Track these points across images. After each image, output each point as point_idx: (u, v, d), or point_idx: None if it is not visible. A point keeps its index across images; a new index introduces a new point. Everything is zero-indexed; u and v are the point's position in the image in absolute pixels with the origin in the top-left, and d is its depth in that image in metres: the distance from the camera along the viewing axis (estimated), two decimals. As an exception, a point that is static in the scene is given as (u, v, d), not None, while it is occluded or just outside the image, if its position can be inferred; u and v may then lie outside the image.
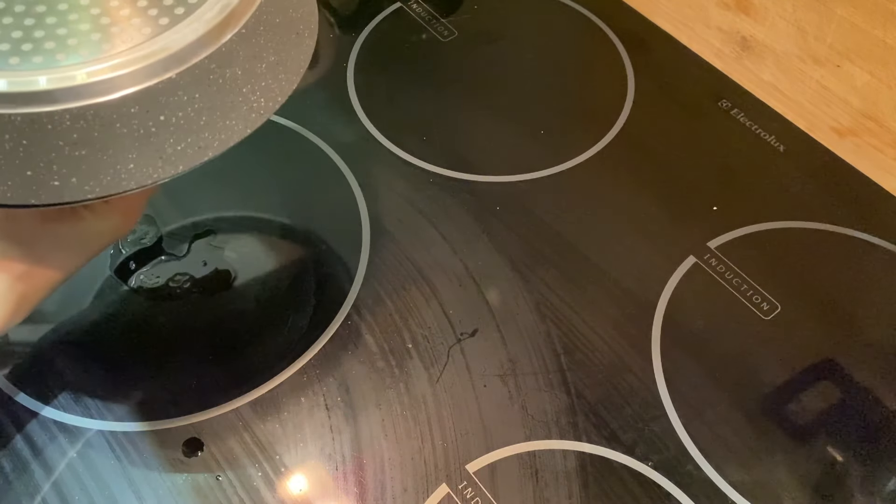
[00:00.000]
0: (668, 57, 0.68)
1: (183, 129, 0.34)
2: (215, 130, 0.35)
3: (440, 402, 0.49)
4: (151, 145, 0.34)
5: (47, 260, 0.39)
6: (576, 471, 0.46)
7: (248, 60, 0.36)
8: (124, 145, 0.33)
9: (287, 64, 0.38)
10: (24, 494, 0.45)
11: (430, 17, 0.71)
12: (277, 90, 0.37)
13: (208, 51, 0.34)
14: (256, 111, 0.36)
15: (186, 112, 0.34)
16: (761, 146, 0.62)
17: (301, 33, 0.40)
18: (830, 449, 0.48)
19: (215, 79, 0.35)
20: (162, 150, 0.34)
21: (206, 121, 0.35)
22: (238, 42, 0.36)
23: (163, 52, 0.33)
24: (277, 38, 0.38)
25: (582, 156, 0.61)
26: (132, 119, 0.33)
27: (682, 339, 0.52)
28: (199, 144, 0.35)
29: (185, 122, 0.34)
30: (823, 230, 0.57)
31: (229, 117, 0.35)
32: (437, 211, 0.58)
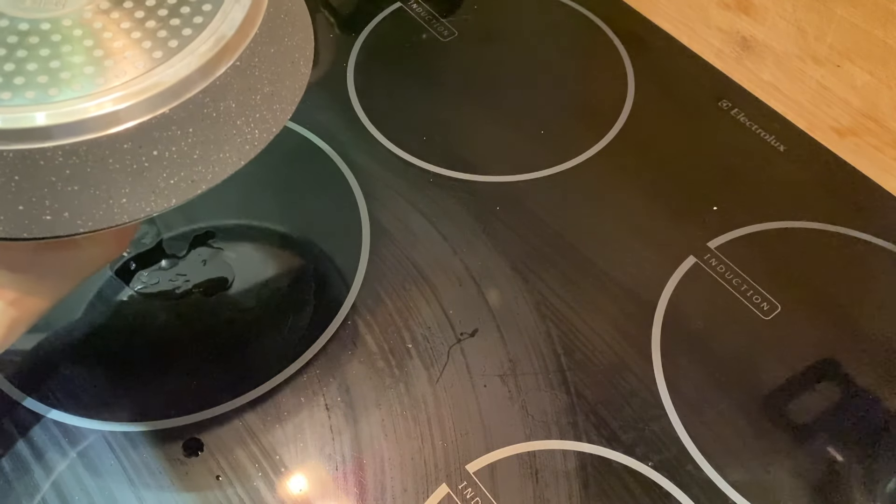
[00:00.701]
0: (669, 57, 0.68)
1: (176, 163, 0.34)
2: (209, 163, 0.35)
3: (440, 402, 0.49)
4: (144, 180, 0.33)
5: (40, 286, 0.39)
6: (576, 471, 0.46)
7: (242, 93, 0.35)
8: (117, 181, 0.33)
9: (282, 94, 0.38)
10: (25, 495, 0.45)
11: (430, 17, 0.71)
12: (272, 120, 0.37)
13: (202, 85, 0.34)
14: (251, 143, 0.36)
15: (180, 146, 0.34)
16: (761, 146, 0.62)
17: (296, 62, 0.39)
18: (830, 449, 0.48)
19: (209, 112, 0.34)
20: (155, 185, 0.34)
21: (200, 154, 0.34)
22: (232, 74, 0.35)
23: (157, 88, 0.33)
24: (272, 69, 0.37)
25: (582, 156, 0.61)
26: (125, 155, 0.33)
27: (682, 339, 0.52)
28: (193, 178, 0.34)
29: (179, 156, 0.34)
30: (823, 230, 0.57)
31: (223, 150, 0.35)
32: (437, 211, 0.58)
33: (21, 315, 0.39)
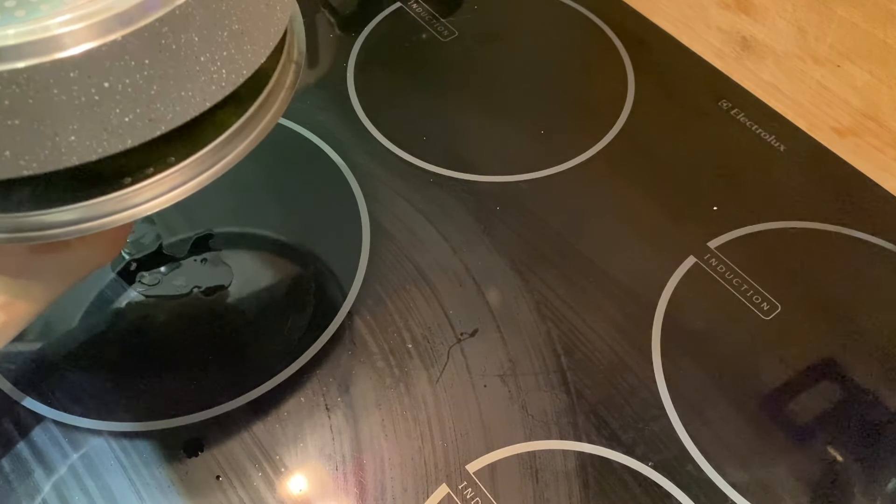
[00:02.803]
0: (669, 57, 0.68)
1: (131, 98, 0.31)
2: (168, 101, 0.32)
3: (440, 402, 0.49)
4: (95, 115, 0.31)
5: (30, 289, 0.39)
6: (576, 471, 0.46)
7: (206, 27, 0.33)
8: (63, 115, 0.30)
9: (253, 35, 0.35)
10: (25, 495, 0.45)
11: (430, 16, 0.71)
12: (242, 62, 0.35)
13: (160, 12, 0.31)
14: (217, 83, 0.34)
15: (135, 79, 0.31)
16: (761, 146, 0.62)
17: (272, 6, 0.37)
18: (830, 449, 0.48)
19: (168, 44, 0.32)
20: (107, 122, 0.31)
21: (158, 90, 0.32)
22: (195, 5, 0.32)
23: (108, 12, 0.30)
24: (243, 7, 0.35)
25: (582, 156, 0.61)
26: (72, 85, 0.30)
27: (682, 338, 0.52)
28: (150, 117, 0.32)
29: (134, 90, 0.31)
30: (823, 230, 0.57)
31: (184, 88, 0.33)
32: (437, 211, 0.58)
33: (10, 319, 0.39)
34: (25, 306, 0.39)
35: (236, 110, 0.38)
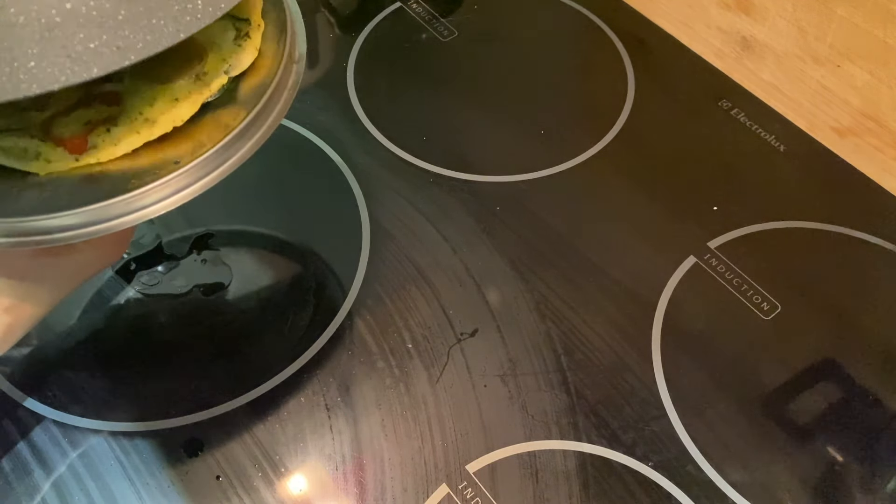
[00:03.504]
0: (669, 57, 0.68)
1: (96, 22, 0.30)
2: (138, 29, 0.31)
3: (440, 403, 0.49)
4: (56, 40, 0.29)
5: (36, 291, 0.39)
6: (576, 471, 0.46)
7: None
8: (22, 38, 0.29)
9: None
10: (25, 495, 0.45)
11: (430, 16, 0.71)
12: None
13: None
14: (192, 13, 0.32)
15: (100, 1, 0.30)
16: (761, 146, 0.62)
17: None
18: (831, 449, 0.48)
19: None
20: (70, 48, 0.29)
21: (126, 16, 0.30)
22: None
23: None
24: None
25: (582, 156, 0.61)
26: (30, 5, 0.29)
27: (682, 339, 0.52)
28: (118, 44, 0.30)
29: (98, 13, 0.30)
30: (824, 230, 0.57)
31: (156, 15, 0.31)
32: (437, 211, 0.58)
33: (16, 321, 0.39)
34: (31, 309, 0.39)
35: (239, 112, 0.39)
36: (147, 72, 0.38)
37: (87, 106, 0.37)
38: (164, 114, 0.37)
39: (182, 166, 0.36)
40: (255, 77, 0.40)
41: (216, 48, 0.40)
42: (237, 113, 0.39)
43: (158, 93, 0.37)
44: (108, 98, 0.38)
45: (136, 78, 0.38)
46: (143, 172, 0.36)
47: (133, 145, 0.37)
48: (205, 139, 0.38)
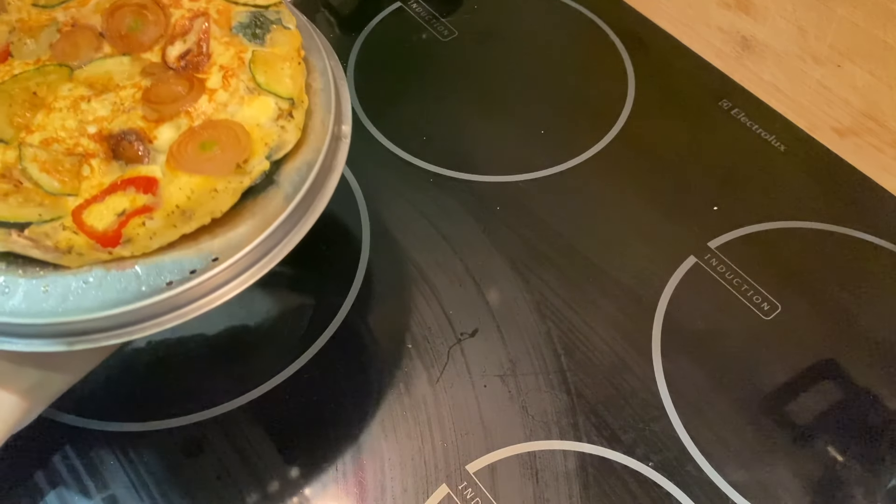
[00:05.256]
0: (669, 57, 0.68)
1: None
2: None
3: (440, 403, 0.49)
4: None
5: (55, 374, 0.40)
6: (576, 471, 0.46)
7: None
8: None
9: None
10: (25, 496, 0.45)
11: (430, 16, 0.71)
12: None
13: None
14: None
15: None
16: (762, 146, 0.62)
17: None
18: (831, 449, 0.48)
19: None
20: None
21: None
22: None
23: None
24: None
25: (582, 155, 0.61)
26: None
27: (682, 339, 0.52)
28: None
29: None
30: (824, 230, 0.57)
31: None
32: (437, 211, 0.58)
33: (35, 403, 0.39)
34: (50, 390, 0.40)
35: (280, 197, 0.38)
36: (184, 163, 0.38)
37: (122, 190, 0.37)
38: (201, 206, 0.37)
39: (221, 263, 0.36)
40: (297, 157, 0.40)
41: (258, 130, 0.39)
42: (278, 199, 0.38)
43: (197, 184, 0.37)
44: (145, 184, 0.37)
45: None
46: (179, 266, 0.36)
47: (168, 239, 0.37)
48: (243, 229, 0.37)
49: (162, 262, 0.36)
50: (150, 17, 0.42)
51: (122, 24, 0.42)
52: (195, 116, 0.39)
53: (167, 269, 0.36)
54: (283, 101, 0.40)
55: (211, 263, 0.36)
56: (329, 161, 0.40)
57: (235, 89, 0.40)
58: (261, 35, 0.42)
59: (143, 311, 0.35)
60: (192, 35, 0.42)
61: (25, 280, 0.36)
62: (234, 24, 0.43)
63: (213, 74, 0.41)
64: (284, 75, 0.41)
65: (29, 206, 0.36)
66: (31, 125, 0.39)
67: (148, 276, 0.36)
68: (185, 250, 0.37)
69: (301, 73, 0.42)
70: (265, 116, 0.39)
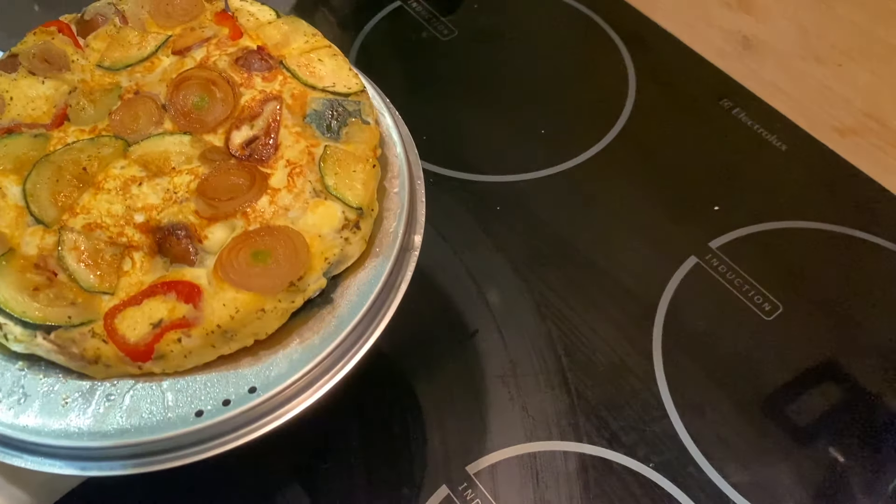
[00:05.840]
0: (670, 56, 0.68)
1: None
2: None
3: (440, 403, 0.49)
4: None
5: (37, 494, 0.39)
6: (576, 472, 0.46)
7: None
8: None
9: None
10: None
11: (430, 15, 0.71)
12: None
13: None
14: None
15: None
16: (763, 146, 0.62)
17: None
18: (832, 449, 0.48)
19: None
20: None
21: None
22: None
23: None
24: None
25: (582, 155, 0.61)
26: None
27: (683, 339, 0.52)
28: None
29: None
30: (825, 230, 0.57)
31: None
32: (437, 211, 0.57)
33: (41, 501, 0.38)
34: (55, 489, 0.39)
35: (332, 320, 0.34)
36: (233, 274, 0.34)
37: (162, 294, 0.34)
38: (245, 327, 0.33)
39: (259, 395, 0.32)
40: (358, 272, 0.36)
41: (319, 242, 0.35)
42: (331, 321, 0.34)
43: (243, 302, 0.33)
44: (188, 291, 0.34)
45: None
46: (212, 393, 0.32)
47: (204, 359, 0.33)
48: (288, 354, 0.33)
49: (194, 386, 0.33)
50: (217, 95, 0.38)
51: (187, 98, 0.39)
52: (252, 219, 0.35)
53: (199, 396, 0.32)
54: (350, 209, 0.36)
55: (246, 394, 0.32)
56: (394, 278, 0.36)
57: (301, 191, 0.36)
58: (336, 128, 0.38)
59: (166, 443, 0.32)
60: (262, 120, 0.38)
61: (45, 386, 0.32)
62: (308, 112, 0.38)
63: (279, 170, 0.37)
64: (357, 179, 0.37)
65: (59, 304, 0.32)
66: (75, 206, 0.35)
67: (177, 403, 0.32)
68: (221, 373, 0.33)
69: (374, 177, 0.38)
70: (329, 226, 0.35)
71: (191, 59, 0.40)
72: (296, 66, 0.40)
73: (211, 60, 0.40)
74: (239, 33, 0.41)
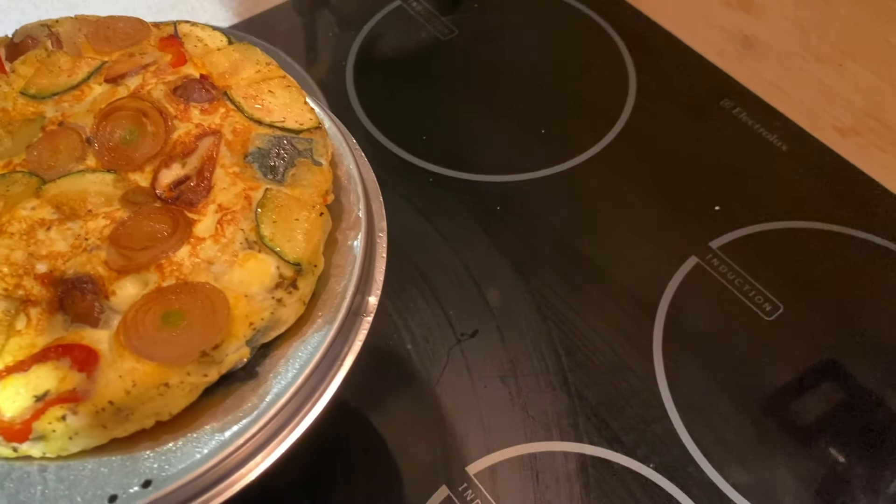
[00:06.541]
0: (670, 55, 0.68)
1: None
2: None
3: (440, 403, 0.49)
4: None
5: None
6: (577, 472, 0.46)
7: None
8: None
9: None
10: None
11: (430, 15, 0.71)
12: None
13: None
14: None
15: None
16: (763, 145, 0.62)
17: None
18: (833, 450, 0.48)
19: None
20: None
21: None
22: None
23: None
24: None
25: (583, 155, 0.61)
26: None
27: (683, 339, 0.52)
28: None
29: None
30: (826, 230, 0.57)
31: None
32: (437, 211, 0.58)
33: None
34: None
35: (258, 402, 0.29)
36: (136, 340, 0.28)
37: (54, 360, 0.28)
38: (144, 405, 0.28)
39: (153, 491, 0.27)
40: (294, 340, 0.31)
41: (245, 304, 0.30)
42: (254, 401, 0.28)
43: (143, 375, 0.28)
44: (83, 358, 0.28)
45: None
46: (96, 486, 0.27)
47: (93, 443, 0.28)
48: (191, 439, 0.28)
49: (78, 477, 0.27)
50: (148, 129, 0.34)
51: (114, 131, 0.34)
52: (168, 272, 0.30)
53: (81, 489, 0.27)
54: (287, 265, 0.31)
55: (139, 490, 0.27)
56: (338, 348, 0.32)
57: (230, 241, 0.31)
58: (281, 169, 0.34)
59: None
60: (195, 158, 0.33)
61: None
62: (250, 150, 0.34)
63: (207, 216, 0.32)
64: (298, 229, 0.32)
65: None
66: None
67: (56, 495, 0.27)
68: (112, 461, 0.28)
69: (320, 227, 0.33)
70: (259, 284, 0.31)
71: (124, 87, 0.36)
72: (241, 97, 0.35)
73: (146, 89, 0.35)
74: (182, 60, 0.36)
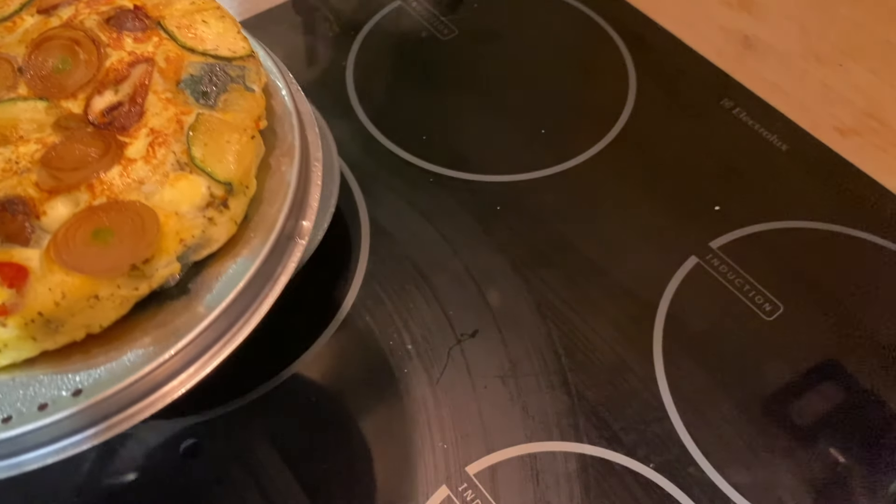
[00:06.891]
0: (670, 55, 0.68)
1: None
2: None
3: (440, 404, 0.49)
4: None
5: None
6: (577, 473, 0.46)
7: None
8: None
9: None
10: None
11: (430, 15, 0.70)
12: None
13: None
14: None
15: None
16: (764, 145, 0.62)
17: None
18: (833, 450, 0.48)
19: None
20: None
21: None
22: None
23: None
24: None
25: (583, 155, 0.61)
26: None
27: (683, 339, 0.52)
28: None
29: None
30: (826, 230, 0.57)
31: None
32: (437, 211, 0.58)
33: None
34: None
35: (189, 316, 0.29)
36: (65, 254, 0.29)
37: None
38: (73, 316, 0.28)
39: (83, 399, 0.27)
40: (226, 260, 0.31)
41: (175, 221, 0.31)
42: (185, 317, 0.30)
43: (72, 286, 0.28)
44: (13, 274, 0.29)
45: None
46: (27, 395, 0.28)
47: (24, 355, 0.29)
48: (126, 354, 0.28)
49: (9, 387, 0.28)
50: (80, 57, 0.34)
51: (46, 60, 0.34)
52: (99, 192, 0.31)
53: (9, 398, 0.27)
54: (218, 184, 0.32)
55: (69, 398, 0.27)
56: (271, 268, 0.32)
57: (161, 162, 0.32)
58: (212, 95, 0.34)
59: None
60: (128, 85, 0.34)
61: None
62: (183, 77, 0.35)
63: (139, 139, 0.33)
64: (229, 151, 0.32)
65: None
66: None
67: None
68: (43, 374, 0.28)
69: (252, 150, 0.34)
70: (190, 203, 0.31)
71: (57, 18, 0.36)
72: (175, 27, 0.36)
73: (78, 19, 0.36)
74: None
